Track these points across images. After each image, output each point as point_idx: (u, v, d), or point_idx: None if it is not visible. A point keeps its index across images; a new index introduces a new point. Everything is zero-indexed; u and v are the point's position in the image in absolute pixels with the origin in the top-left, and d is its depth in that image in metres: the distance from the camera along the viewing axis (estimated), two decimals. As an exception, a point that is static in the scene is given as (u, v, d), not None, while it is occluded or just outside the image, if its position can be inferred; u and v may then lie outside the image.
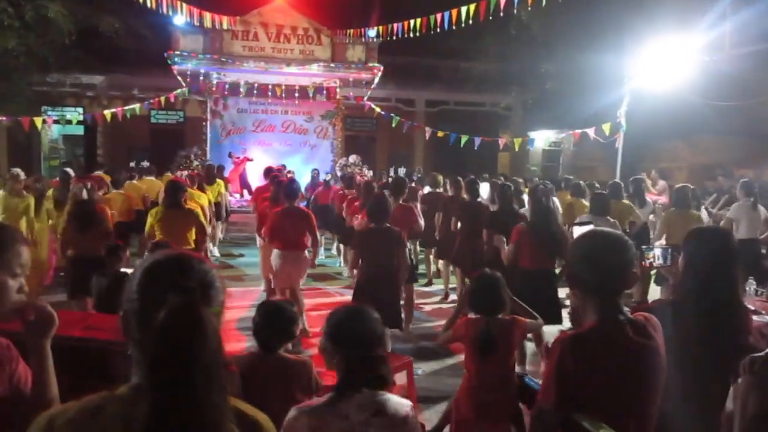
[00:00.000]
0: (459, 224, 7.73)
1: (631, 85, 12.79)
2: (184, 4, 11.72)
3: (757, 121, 16.80)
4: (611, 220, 6.94)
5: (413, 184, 10.97)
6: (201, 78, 16.75)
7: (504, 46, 17.50)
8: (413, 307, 7.07)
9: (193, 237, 6.35)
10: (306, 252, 6.49)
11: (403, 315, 5.79)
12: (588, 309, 2.03)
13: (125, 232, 8.48)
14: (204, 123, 17.54)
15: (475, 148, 15.82)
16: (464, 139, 15.65)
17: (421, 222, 7.13)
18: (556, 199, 9.85)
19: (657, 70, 12.28)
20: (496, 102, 21.81)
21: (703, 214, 9.13)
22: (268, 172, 10.37)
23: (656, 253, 3.43)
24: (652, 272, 6.13)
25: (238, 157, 16.89)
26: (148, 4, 9.91)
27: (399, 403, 2.13)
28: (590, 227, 3.84)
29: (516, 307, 3.88)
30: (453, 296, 8.43)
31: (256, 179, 17.11)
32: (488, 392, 3.58)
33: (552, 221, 5.75)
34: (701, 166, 19.01)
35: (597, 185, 11.40)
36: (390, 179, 11.70)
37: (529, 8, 8.34)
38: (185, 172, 10.89)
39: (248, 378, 2.99)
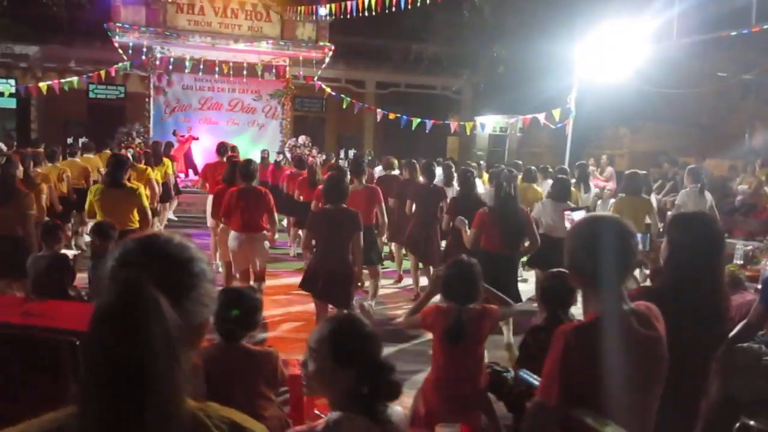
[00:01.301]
0: (413, 207, 7.60)
1: (579, 72, 12.91)
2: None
3: (698, 110, 17.38)
4: (572, 205, 7.00)
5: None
6: (144, 52, 16.04)
7: (456, 28, 17.44)
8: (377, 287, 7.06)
9: (136, 218, 6.04)
10: (264, 233, 6.26)
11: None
12: (589, 299, 1.94)
13: (65, 210, 8.04)
14: (147, 99, 16.85)
15: (427, 131, 15.79)
16: (416, 122, 15.58)
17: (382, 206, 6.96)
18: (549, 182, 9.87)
19: (605, 57, 12.43)
20: (448, 85, 21.79)
21: (653, 200, 9.29)
22: (223, 149, 9.94)
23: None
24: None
25: (182, 136, 16.30)
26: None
27: (398, 413, 1.88)
28: (582, 213, 3.82)
29: (488, 294, 3.79)
30: (407, 280, 8.34)
31: (200, 158, 16.64)
32: (458, 383, 3.48)
33: (515, 206, 5.70)
34: (642, 153, 19.56)
35: (550, 169, 11.51)
36: (340, 161, 11.54)
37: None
38: (130, 150, 10.31)
39: (211, 370, 2.80)
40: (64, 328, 3.28)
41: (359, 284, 5.61)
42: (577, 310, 3.79)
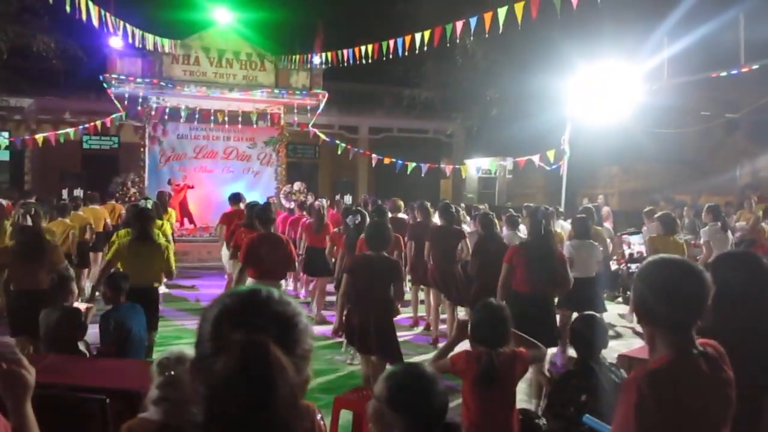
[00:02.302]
0: (429, 249, 7.57)
1: (572, 113, 13.13)
2: (126, 24, 11.25)
3: (686, 148, 17.65)
4: (594, 243, 7.04)
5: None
6: (139, 102, 16.14)
7: (448, 73, 17.75)
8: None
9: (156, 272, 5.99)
10: (282, 282, 6.20)
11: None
12: (657, 343, 1.91)
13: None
14: (141, 149, 16.87)
15: (422, 174, 15.92)
16: (411, 166, 15.71)
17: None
18: (564, 223, 9.88)
19: (597, 98, 12.66)
20: (440, 129, 22.06)
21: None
22: (236, 197, 9.89)
23: None
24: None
25: (178, 184, 16.29)
26: (92, 20, 9.40)
27: None
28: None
29: (516, 338, 3.75)
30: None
31: (196, 207, 16.61)
32: (491, 430, 3.41)
33: (552, 244, 5.64)
34: (631, 192, 19.77)
35: (561, 209, 11.56)
36: (345, 205, 11.59)
37: (486, 35, 8.39)
38: (149, 200, 9.93)
39: None
40: (93, 385, 3.21)
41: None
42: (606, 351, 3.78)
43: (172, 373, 2.74)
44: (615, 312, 8.91)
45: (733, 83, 13.59)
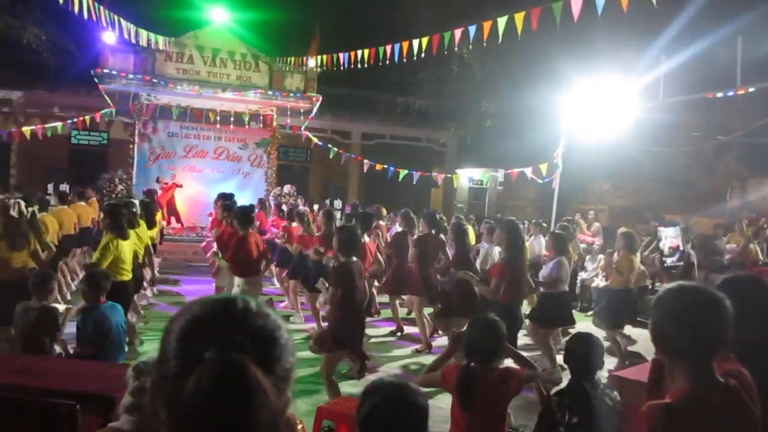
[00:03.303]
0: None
1: (566, 127, 13.07)
2: (120, 19, 11.08)
3: (678, 168, 17.67)
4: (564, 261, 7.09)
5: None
6: (130, 99, 15.95)
7: (444, 82, 17.69)
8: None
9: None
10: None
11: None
12: (677, 373, 1.80)
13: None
14: (130, 146, 16.68)
15: (414, 182, 15.82)
16: (403, 173, 15.60)
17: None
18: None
19: (592, 114, 12.62)
20: (434, 138, 21.98)
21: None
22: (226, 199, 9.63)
23: None
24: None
25: (166, 183, 16.09)
26: (86, 14, 9.23)
27: None
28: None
29: (511, 355, 3.64)
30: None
31: (184, 206, 16.42)
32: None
33: (525, 258, 5.99)
34: (621, 208, 19.78)
35: (544, 224, 11.54)
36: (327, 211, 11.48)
37: (485, 44, 8.32)
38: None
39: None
40: (64, 389, 3.05)
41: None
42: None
43: (148, 378, 2.60)
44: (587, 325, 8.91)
45: (727, 105, 13.61)
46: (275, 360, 0.96)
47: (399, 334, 8.55)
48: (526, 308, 7.38)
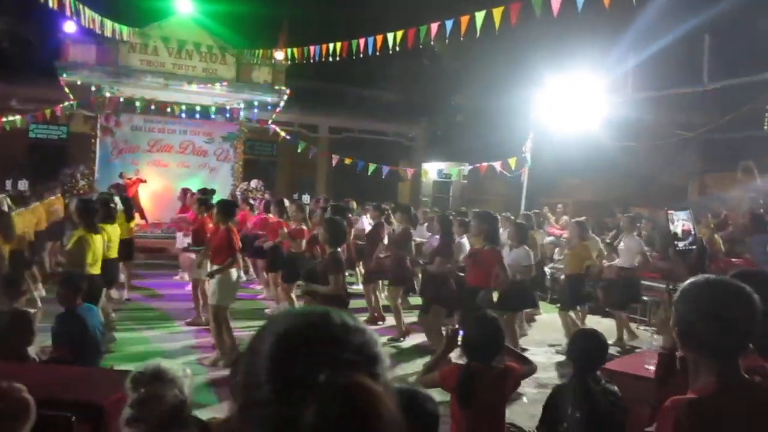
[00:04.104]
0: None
1: (536, 122, 13.19)
2: (85, 8, 10.69)
3: (644, 163, 17.99)
4: (527, 249, 7.53)
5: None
6: (92, 91, 15.47)
7: (414, 76, 17.66)
8: None
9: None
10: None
11: None
12: (701, 369, 1.76)
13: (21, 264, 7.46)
14: (92, 140, 16.18)
15: (383, 176, 15.77)
16: (372, 167, 15.53)
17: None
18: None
19: (560, 109, 12.76)
20: (403, 132, 21.92)
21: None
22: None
23: None
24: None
25: (130, 178, 15.66)
26: (47, 2, 8.87)
27: None
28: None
29: (507, 352, 3.62)
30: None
31: (148, 202, 16.01)
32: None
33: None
34: (587, 202, 20.07)
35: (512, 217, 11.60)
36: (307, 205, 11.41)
37: (462, 38, 8.29)
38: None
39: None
40: (50, 398, 2.89)
41: None
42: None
43: (147, 390, 2.48)
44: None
45: (692, 101, 13.89)
46: (379, 378, 0.88)
47: (380, 324, 8.78)
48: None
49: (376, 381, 0.85)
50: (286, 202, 9.47)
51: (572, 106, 12.54)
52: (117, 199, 8.17)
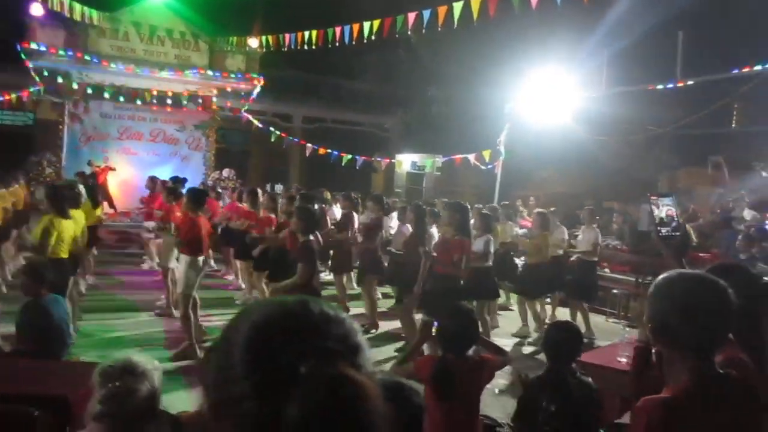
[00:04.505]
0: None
1: (510, 115, 13.24)
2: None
3: (616, 157, 18.18)
4: (490, 237, 7.60)
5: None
6: (60, 77, 15.08)
7: (390, 67, 17.58)
8: None
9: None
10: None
11: None
12: (676, 366, 1.71)
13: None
14: (60, 127, 15.80)
15: (357, 167, 15.71)
16: (346, 158, 15.46)
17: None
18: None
19: (535, 102, 12.82)
20: (377, 123, 21.84)
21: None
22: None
23: None
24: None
25: (98, 166, 15.31)
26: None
27: None
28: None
29: (482, 343, 3.60)
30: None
31: (117, 190, 15.69)
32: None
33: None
34: (560, 194, 20.26)
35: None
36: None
37: (439, 29, 8.25)
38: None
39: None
40: (14, 392, 2.79)
41: None
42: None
43: (117, 384, 2.39)
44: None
45: (664, 96, 14.05)
46: (361, 369, 0.82)
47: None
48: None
49: (360, 372, 0.80)
50: (260, 193, 9.37)
51: (547, 99, 12.60)
52: (81, 186, 7.97)
